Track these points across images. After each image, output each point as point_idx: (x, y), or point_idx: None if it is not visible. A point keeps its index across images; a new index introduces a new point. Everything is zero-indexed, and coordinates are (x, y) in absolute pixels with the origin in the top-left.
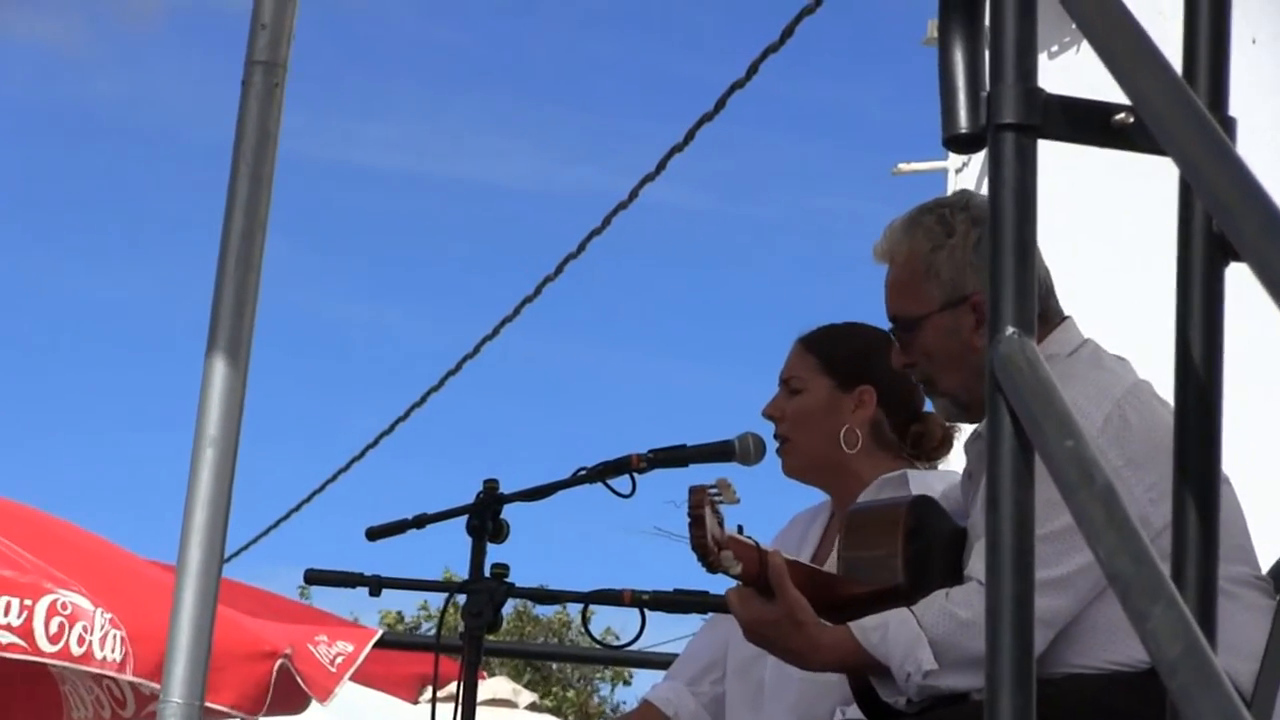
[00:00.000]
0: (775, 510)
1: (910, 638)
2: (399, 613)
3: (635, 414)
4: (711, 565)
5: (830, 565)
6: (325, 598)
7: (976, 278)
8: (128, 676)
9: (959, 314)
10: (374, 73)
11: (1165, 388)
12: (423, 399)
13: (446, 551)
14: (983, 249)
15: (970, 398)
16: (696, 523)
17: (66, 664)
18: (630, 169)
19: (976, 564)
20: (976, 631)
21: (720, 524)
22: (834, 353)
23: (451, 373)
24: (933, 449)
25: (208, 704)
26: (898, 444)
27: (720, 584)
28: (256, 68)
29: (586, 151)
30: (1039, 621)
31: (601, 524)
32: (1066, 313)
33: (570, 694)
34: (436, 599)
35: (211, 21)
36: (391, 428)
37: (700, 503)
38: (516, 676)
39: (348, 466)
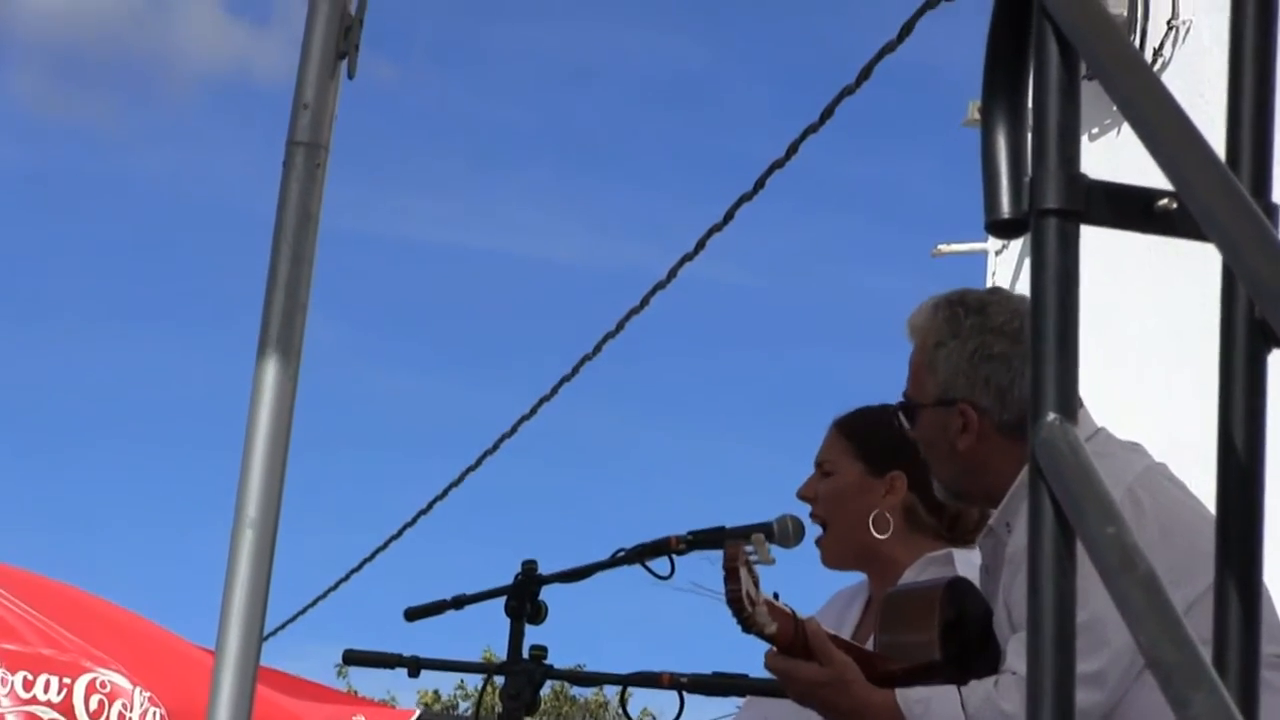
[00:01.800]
0: (814, 591)
1: (950, 716)
2: (435, 692)
3: (673, 493)
4: (746, 622)
5: (869, 647)
6: (362, 678)
7: (968, 386)
8: None
9: (949, 415)
10: (423, 149)
11: (1208, 474)
12: (460, 479)
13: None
14: (979, 359)
15: (959, 488)
16: (730, 576)
17: None
18: (677, 246)
19: (1014, 658)
20: None
21: (756, 583)
22: (867, 437)
23: (489, 452)
24: (970, 529)
25: None
26: (935, 526)
27: (758, 666)
28: (298, 149)
29: (633, 228)
30: (1077, 716)
31: (640, 606)
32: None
33: None
34: (473, 679)
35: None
36: (429, 507)
37: (735, 557)
38: None
39: (385, 545)
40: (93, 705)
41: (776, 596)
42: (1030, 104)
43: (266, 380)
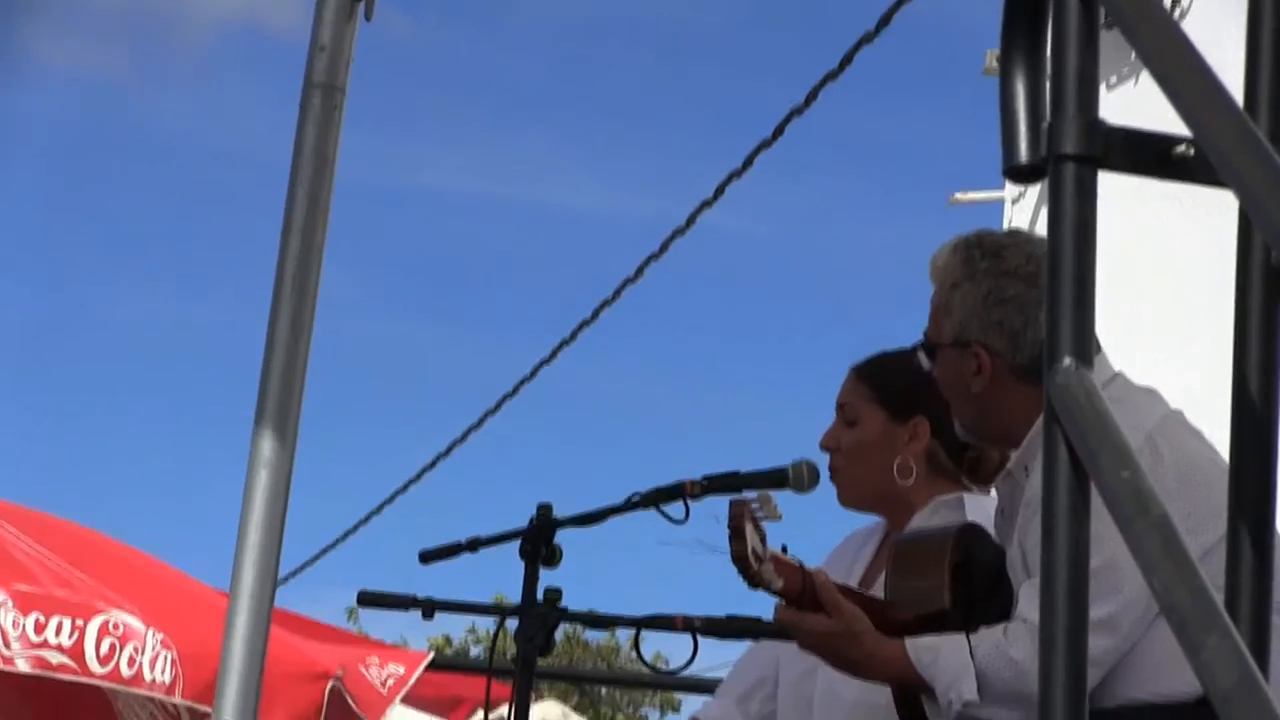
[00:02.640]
0: (830, 536)
1: (959, 666)
2: (447, 636)
3: (691, 441)
4: (751, 579)
5: (878, 587)
6: (373, 623)
7: (981, 328)
8: (176, 699)
9: (964, 356)
10: (441, 101)
11: (1222, 420)
12: (479, 422)
13: (497, 576)
14: (992, 302)
15: (978, 429)
16: (736, 534)
17: (117, 686)
18: (697, 196)
19: (1026, 605)
20: (1023, 671)
21: (762, 539)
22: (887, 383)
23: (508, 396)
24: (990, 473)
25: None
26: (955, 470)
27: (771, 610)
28: (315, 90)
29: (652, 179)
30: (1089, 661)
31: (655, 550)
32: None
33: (621, 718)
34: (484, 623)
35: (265, 46)
36: (448, 451)
37: (740, 515)
38: (564, 702)
39: (403, 489)
40: (104, 649)
41: (785, 549)
42: (1048, 52)
43: (281, 322)
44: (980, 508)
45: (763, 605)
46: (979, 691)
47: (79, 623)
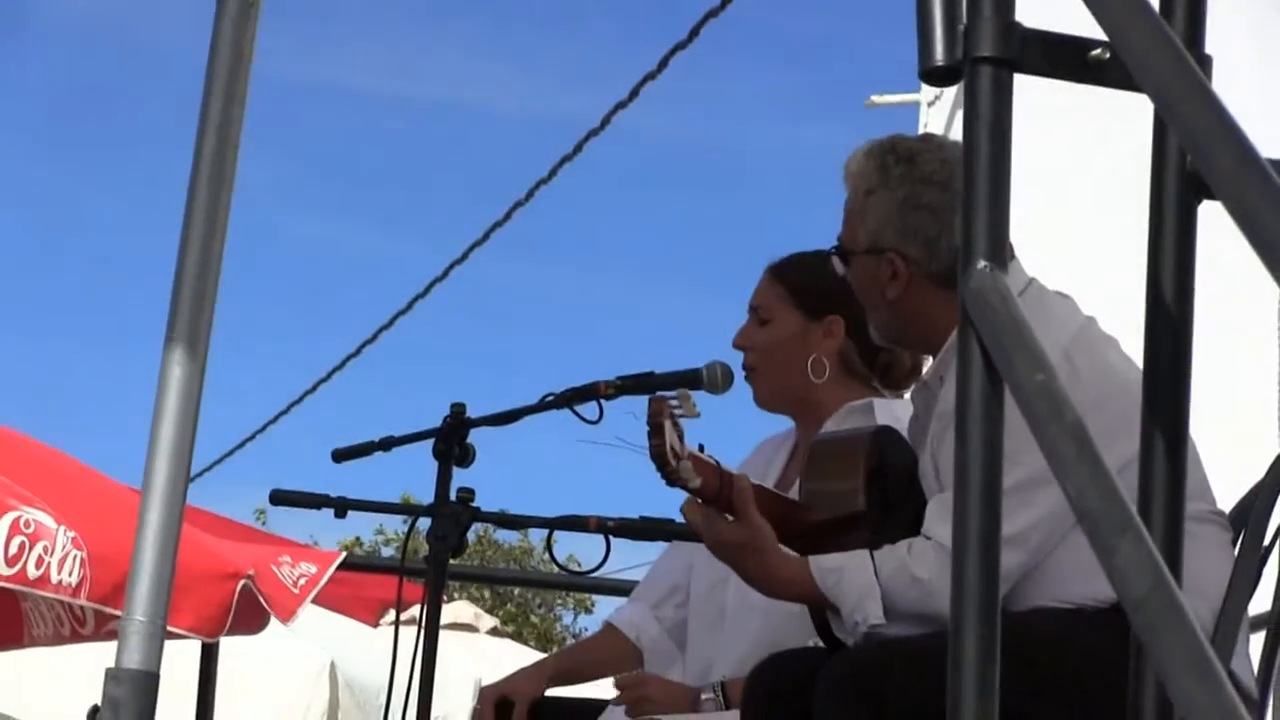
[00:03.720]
0: (742, 437)
1: (864, 587)
2: (357, 537)
3: (605, 341)
4: (670, 476)
5: (794, 493)
6: (283, 524)
7: (896, 235)
8: (81, 601)
9: (878, 263)
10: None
11: (1136, 325)
12: (390, 322)
13: (407, 476)
14: (908, 209)
15: (893, 335)
16: (655, 431)
17: (21, 587)
18: (613, 96)
19: (933, 523)
20: (930, 590)
21: (680, 437)
22: (803, 283)
23: (420, 296)
24: (901, 378)
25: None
26: (866, 373)
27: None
28: None
29: (571, 78)
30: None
31: (568, 452)
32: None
33: (534, 619)
34: (392, 524)
35: None
36: (358, 351)
37: (660, 412)
38: (477, 603)
39: (313, 389)
40: (13, 549)
41: (701, 449)
42: None
43: (196, 217)
44: (890, 412)
45: (676, 508)
46: (885, 613)
47: None
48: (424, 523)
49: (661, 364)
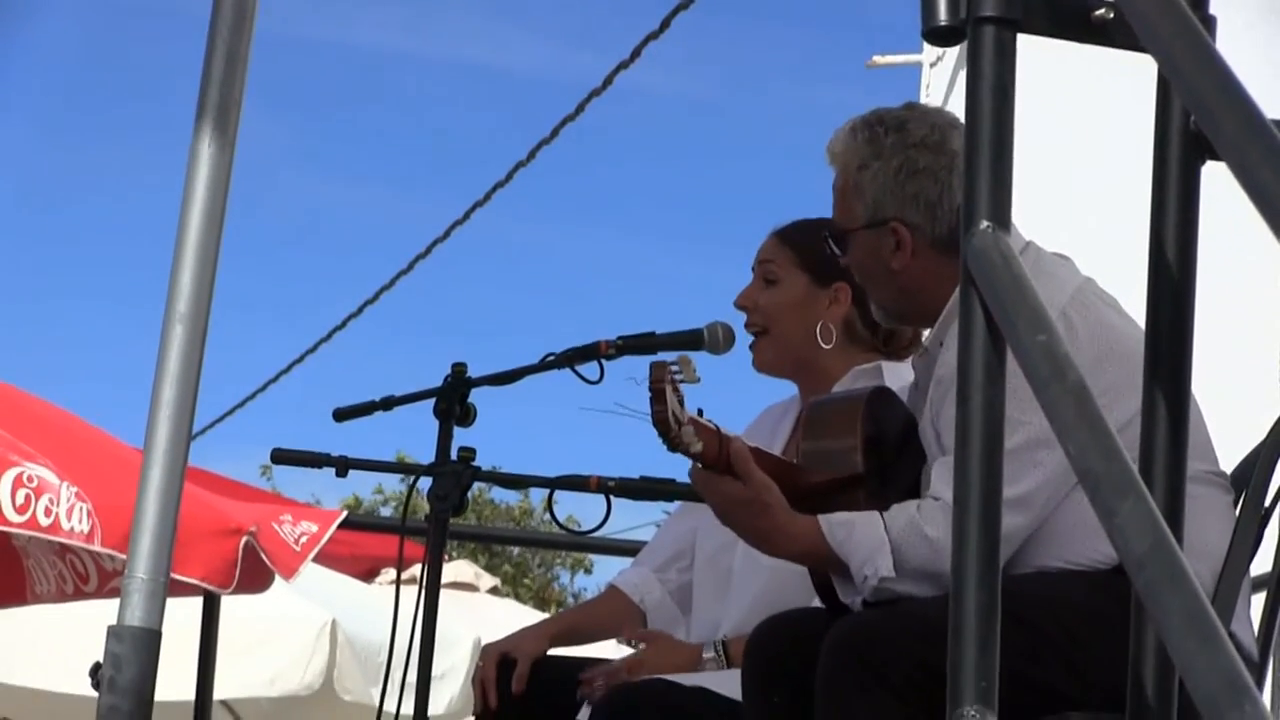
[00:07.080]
0: (742, 400)
1: (874, 542)
2: (356, 496)
3: (606, 301)
4: (671, 441)
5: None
6: (286, 483)
7: (897, 204)
8: (95, 547)
9: (881, 235)
10: None
11: (1139, 285)
12: (392, 282)
13: (404, 436)
14: (905, 175)
15: (899, 310)
16: (657, 397)
17: (33, 533)
18: (617, 55)
19: (939, 483)
20: (939, 549)
21: (681, 402)
22: (812, 247)
23: (421, 256)
24: (905, 346)
25: (177, 576)
26: (871, 340)
27: (686, 473)
28: None
29: (578, 37)
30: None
31: (569, 410)
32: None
33: (529, 580)
34: (390, 483)
35: None
36: (360, 310)
37: (661, 378)
38: (474, 562)
39: (314, 348)
40: (19, 500)
41: (701, 413)
42: None
43: (199, 176)
44: (898, 375)
45: (677, 468)
46: (895, 567)
47: None
48: (424, 482)
49: (662, 324)
